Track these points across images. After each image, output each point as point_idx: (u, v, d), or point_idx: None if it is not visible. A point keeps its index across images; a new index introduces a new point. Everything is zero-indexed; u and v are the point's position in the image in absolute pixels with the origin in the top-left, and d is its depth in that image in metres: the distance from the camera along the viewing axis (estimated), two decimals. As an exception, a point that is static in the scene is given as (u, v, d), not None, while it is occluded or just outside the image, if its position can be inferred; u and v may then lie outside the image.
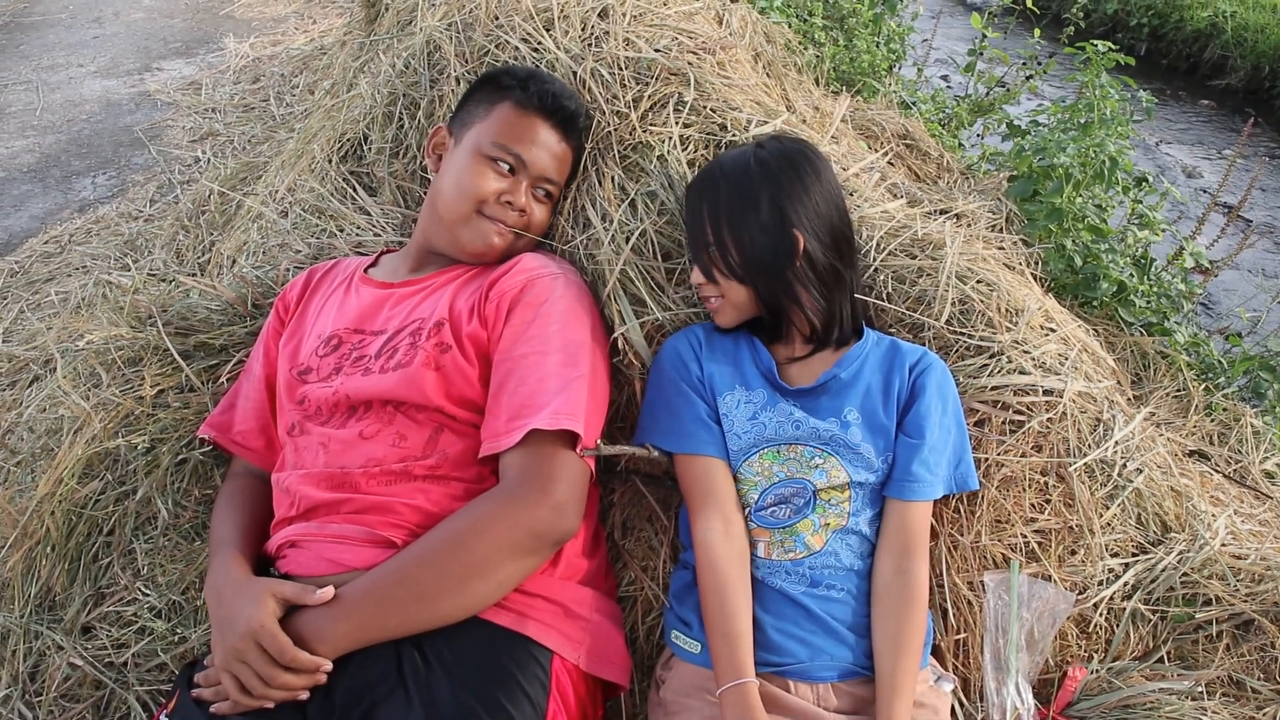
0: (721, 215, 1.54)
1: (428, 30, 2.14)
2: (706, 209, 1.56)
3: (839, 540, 1.49)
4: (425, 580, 1.34)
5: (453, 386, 1.51)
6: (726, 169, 1.57)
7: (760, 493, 1.51)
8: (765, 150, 1.58)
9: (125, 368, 1.84)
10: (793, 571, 1.48)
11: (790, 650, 1.43)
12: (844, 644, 1.44)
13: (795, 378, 1.58)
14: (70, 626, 1.73)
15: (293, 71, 4.93)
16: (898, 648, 1.41)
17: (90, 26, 6.10)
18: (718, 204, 1.55)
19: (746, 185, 1.54)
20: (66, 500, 1.75)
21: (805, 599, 1.46)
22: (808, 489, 1.50)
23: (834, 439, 1.51)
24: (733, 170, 1.56)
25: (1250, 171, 4.64)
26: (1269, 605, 1.68)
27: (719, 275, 1.55)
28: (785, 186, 1.53)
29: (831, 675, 1.43)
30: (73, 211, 3.79)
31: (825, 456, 1.50)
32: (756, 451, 1.52)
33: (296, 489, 1.51)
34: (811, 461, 1.50)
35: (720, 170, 1.58)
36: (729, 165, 1.58)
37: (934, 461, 1.51)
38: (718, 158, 1.63)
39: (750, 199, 1.53)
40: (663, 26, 2.00)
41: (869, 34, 4.01)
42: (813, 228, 1.52)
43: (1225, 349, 2.70)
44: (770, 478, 1.51)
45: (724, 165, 1.58)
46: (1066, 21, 4.09)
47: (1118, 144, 2.47)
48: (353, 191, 2.12)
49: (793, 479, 1.50)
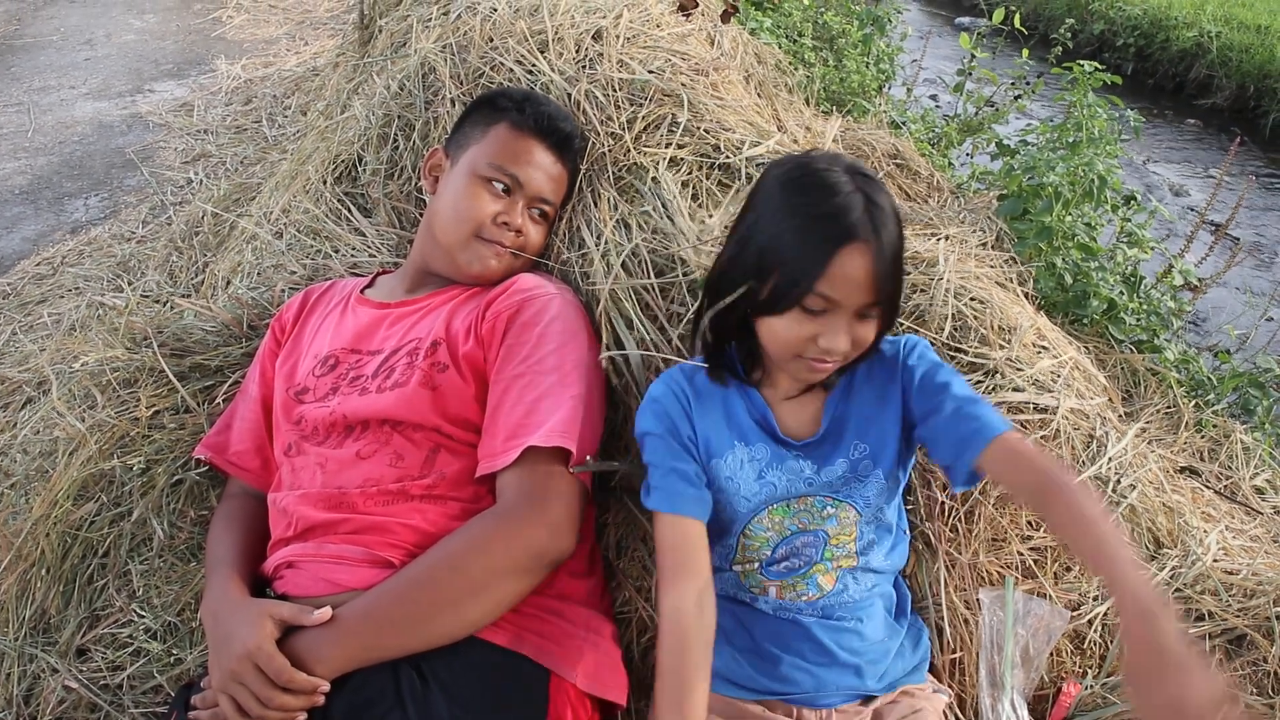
0: (890, 267, 1.28)
1: (422, 52, 2.16)
2: (874, 263, 1.25)
3: (849, 577, 1.46)
4: (423, 601, 1.34)
5: (449, 406, 1.52)
6: (884, 207, 1.27)
7: (772, 548, 1.45)
8: (865, 176, 1.30)
9: (120, 389, 1.84)
10: (805, 609, 1.45)
11: (798, 681, 1.42)
12: (851, 672, 1.44)
13: (795, 426, 1.44)
14: (65, 649, 1.72)
15: (285, 93, 4.94)
16: (1082, 522, 1.17)
17: (82, 48, 6.11)
18: (884, 255, 1.26)
19: (899, 229, 1.30)
20: (61, 522, 1.74)
21: (817, 629, 1.43)
22: (821, 538, 1.44)
23: (846, 483, 1.43)
24: (882, 209, 1.26)
25: (1236, 190, 4.68)
26: (1261, 620, 1.68)
27: (866, 334, 1.32)
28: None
29: (837, 701, 1.43)
30: (65, 233, 3.79)
31: (838, 504, 1.44)
32: (766, 509, 1.44)
33: (294, 509, 1.51)
34: (823, 511, 1.44)
35: (873, 212, 1.25)
36: (881, 200, 1.27)
37: (979, 404, 1.35)
38: (812, 193, 1.27)
39: (901, 243, 1.31)
40: (656, 48, 2.02)
41: (858, 54, 4.04)
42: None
43: (1215, 366, 2.72)
44: (781, 532, 1.44)
45: (877, 201, 1.26)
46: (1054, 42, 4.13)
47: (1106, 163, 2.49)
48: (348, 213, 2.13)
49: (805, 530, 1.44)
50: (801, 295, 1.26)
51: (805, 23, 4.01)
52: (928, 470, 1.62)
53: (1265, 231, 4.83)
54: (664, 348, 1.66)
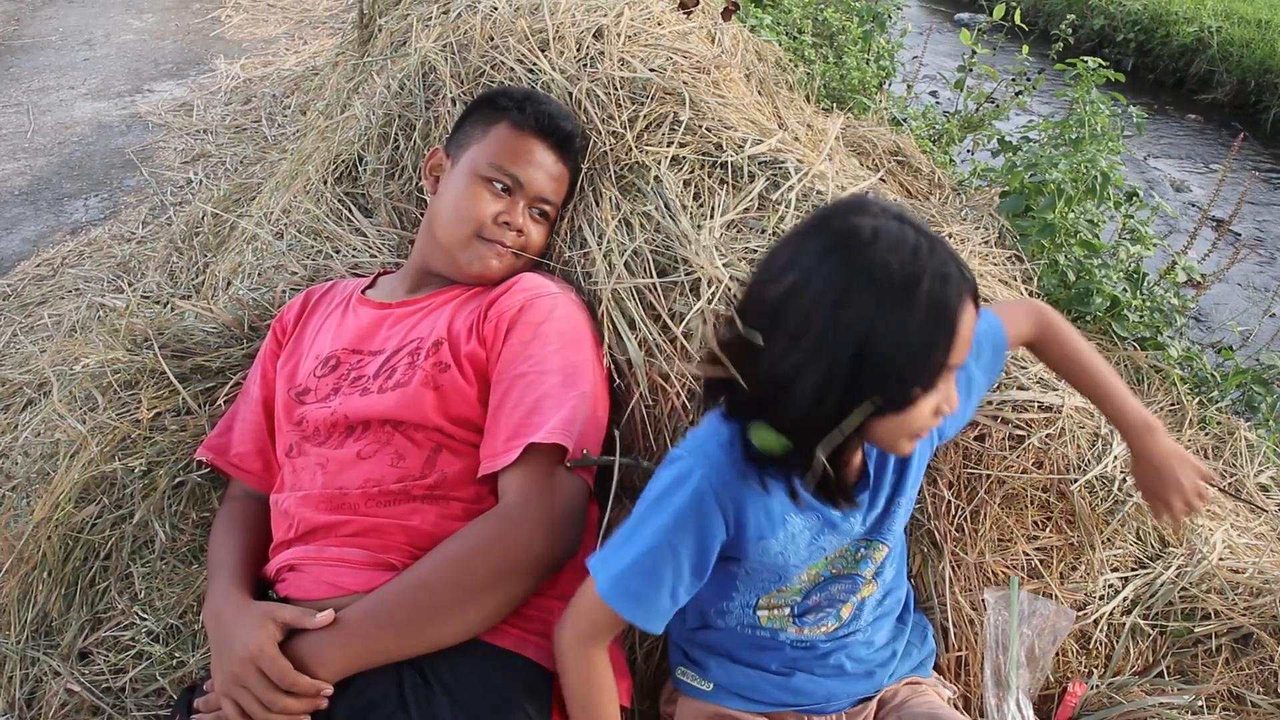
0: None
1: (422, 51, 2.15)
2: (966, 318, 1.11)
3: (867, 603, 1.43)
4: (425, 603, 1.33)
5: (451, 406, 1.51)
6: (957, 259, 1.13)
7: (805, 594, 1.37)
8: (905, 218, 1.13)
9: (121, 391, 1.83)
10: (822, 639, 1.42)
11: (810, 693, 1.41)
12: (861, 679, 1.43)
13: (843, 480, 1.27)
14: (67, 652, 1.71)
15: (284, 92, 4.93)
16: (1082, 368, 1.49)
17: (81, 49, 6.10)
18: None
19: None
20: (63, 525, 1.74)
21: (827, 645, 1.41)
22: (856, 582, 1.38)
23: (879, 522, 1.35)
24: (944, 241, 1.12)
25: (1238, 186, 4.68)
26: (1267, 619, 1.68)
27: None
28: None
29: (844, 706, 1.43)
30: (65, 234, 3.78)
31: (870, 544, 1.37)
32: (808, 567, 1.36)
33: (295, 511, 1.50)
34: (857, 554, 1.37)
35: (951, 253, 1.10)
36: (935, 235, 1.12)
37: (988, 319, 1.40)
38: (908, 257, 1.07)
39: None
40: (657, 46, 2.01)
41: (859, 51, 4.03)
42: None
43: (1218, 363, 2.71)
44: (815, 579, 1.36)
45: (940, 240, 1.12)
46: (1055, 38, 4.13)
47: (1109, 159, 2.48)
48: (348, 213, 2.13)
49: (840, 576, 1.37)
50: (935, 379, 1.10)
51: (805, 19, 4.01)
52: (933, 468, 1.61)
53: (1268, 227, 4.82)
54: (667, 348, 1.65)
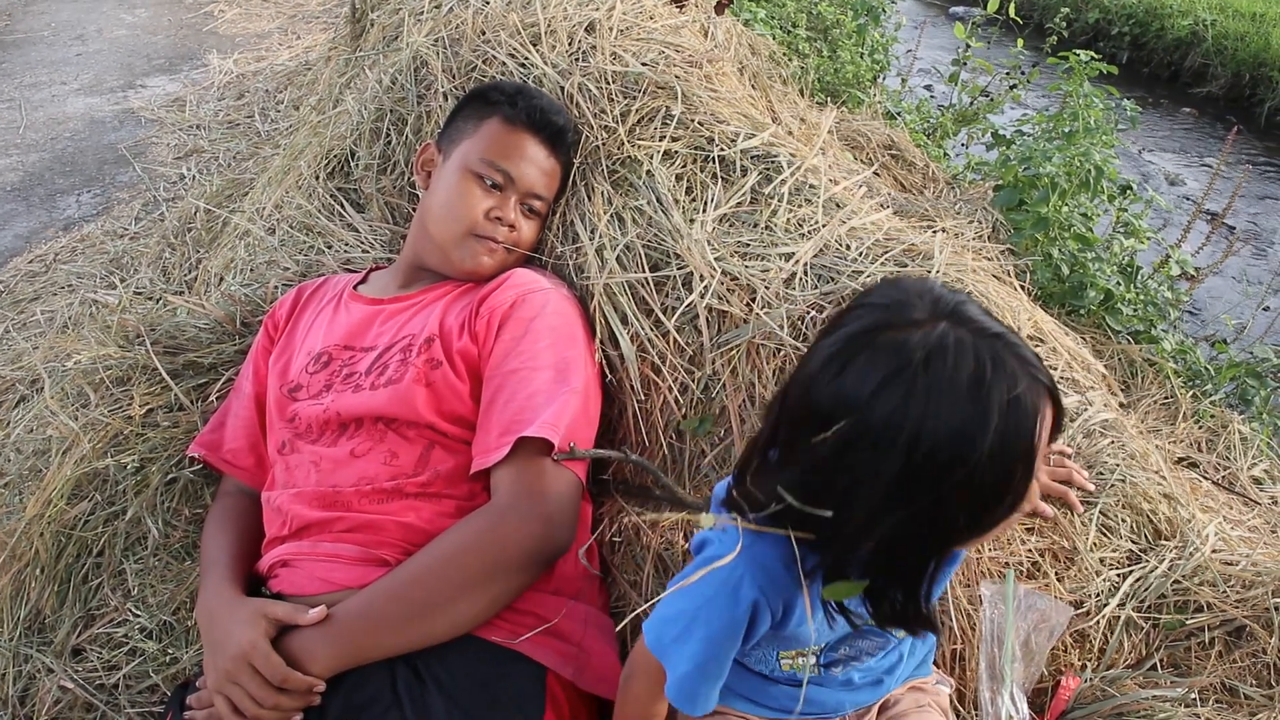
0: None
1: (414, 46, 2.14)
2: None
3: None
4: (418, 599, 1.33)
5: (444, 403, 1.51)
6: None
7: (831, 648, 1.30)
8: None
9: (113, 387, 1.82)
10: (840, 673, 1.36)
11: (822, 703, 1.39)
12: (865, 690, 1.41)
13: None
14: (60, 649, 1.71)
15: (277, 87, 4.92)
16: None
17: (73, 44, 6.08)
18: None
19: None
20: (55, 521, 1.73)
21: (841, 672, 1.37)
22: (889, 638, 1.32)
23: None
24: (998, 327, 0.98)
25: (1232, 179, 4.68)
26: (1259, 611, 1.68)
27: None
28: None
29: (846, 712, 1.42)
30: (57, 230, 3.77)
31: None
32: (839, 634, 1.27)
33: (288, 508, 1.50)
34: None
35: (1014, 346, 0.97)
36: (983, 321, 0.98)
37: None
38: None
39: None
40: (649, 40, 2.01)
41: (853, 45, 4.03)
42: None
43: (1212, 356, 2.71)
44: (843, 634, 1.28)
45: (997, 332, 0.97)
46: (1049, 31, 4.12)
47: (1103, 153, 2.48)
48: (340, 208, 2.12)
49: (871, 630, 1.26)
50: (1019, 503, 0.99)
51: (799, 13, 4.00)
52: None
53: (1262, 220, 4.82)
54: (659, 342, 1.65)
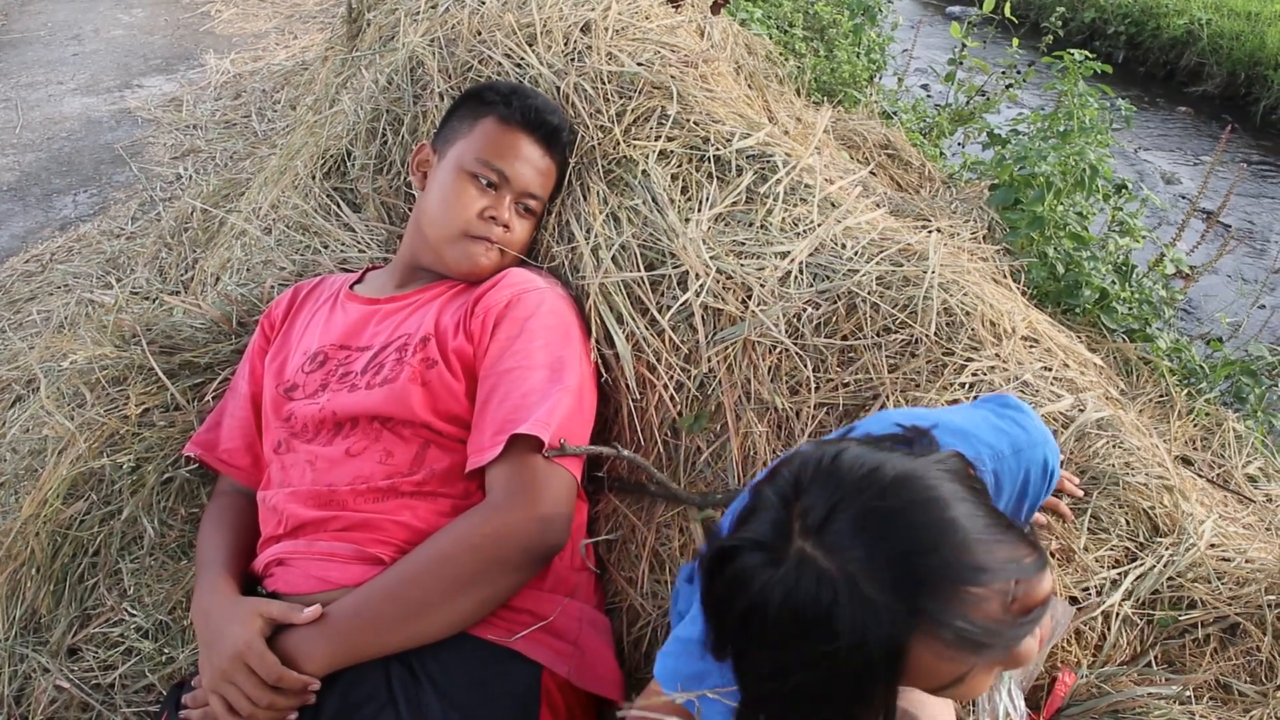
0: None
1: (410, 46, 2.14)
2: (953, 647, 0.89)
3: None
4: (413, 597, 1.33)
5: (439, 402, 1.51)
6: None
7: None
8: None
9: (110, 387, 1.82)
10: None
11: None
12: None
13: None
14: (56, 648, 1.71)
15: (274, 87, 4.92)
16: None
17: (69, 44, 6.07)
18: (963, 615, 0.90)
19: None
20: (51, 521, 1.73)
21: None
22: None
23: None
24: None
25: (1228, 178, 4.69)
26: (1253, 609, 1.68)
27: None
28: None
29: None
30: (54, 230, 3.76)
31: None
32: None
33: (284, 507, 1.51)
34: None
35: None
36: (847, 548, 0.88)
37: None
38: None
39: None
40: (645, 40, 2.01)
41: (849, 44, 4.03)
42: None
43: (1207, 354, 2.72)
44: None
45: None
46: (1045, 30, 4.12)
47: (1098, 152, 2.48)
48: (337, 208, 2.12)
49: None
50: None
51: (796, 13, 4.00)
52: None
53: (1257, 219, 4.83)
54: (654, 341, 1.65)
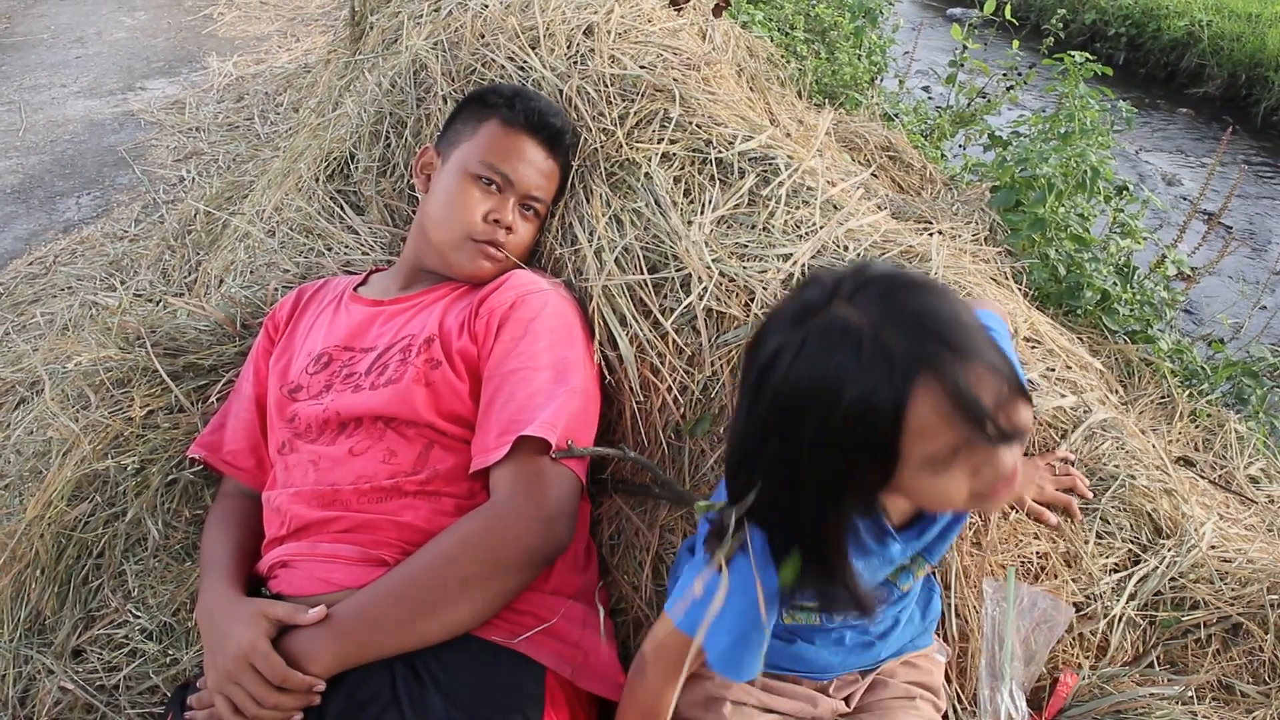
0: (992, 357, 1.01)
1: (413, 49, 2.15)
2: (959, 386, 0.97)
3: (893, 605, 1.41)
4: (417, 598, 1.34)
5: (443, 402, 1.51)
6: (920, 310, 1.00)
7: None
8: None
9: (114, 389, 1.83)
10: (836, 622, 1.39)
11: (806, 659, 1.40)
12: (856, 652, 1.43)
13: (899, 514, 1.27)
14: (60, 650, 1.71)
15: (277, 90, 4.93)
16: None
17: (72, 46, 6.08)
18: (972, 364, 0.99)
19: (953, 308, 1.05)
20: (55, 523, 1.74)
21: (839, 625, 1.40)
22: (893, 591, 1.36)
23: (929, 546, 1.32)
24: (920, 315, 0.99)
25: (1229, 179, 4.69)
26: (1255, 609, 1.69)
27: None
28: None
29: (836, 674, 1.43)
30: (57, 232, 3.77)
31: (918, 563, 1.34)
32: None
33: (287, 508, 1.51)
34: (899, 575, 1.35)
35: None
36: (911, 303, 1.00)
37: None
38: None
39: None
40: (647, 43, 2.02)
41: (850, 47, 4.04)
42: None
43: (1208, 355, 2.72)
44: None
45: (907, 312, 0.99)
46: (1046, 32, 4.13)
47: (1099, 154, 2.49)
48: (340, 210, 2.13)
49: (878, 585, 1.33)
50: (890, 479, 1.02)
51: (797, 15, 4.01)
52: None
53: (1258, 220, 4.83)
54: (658, 344, 1.66)
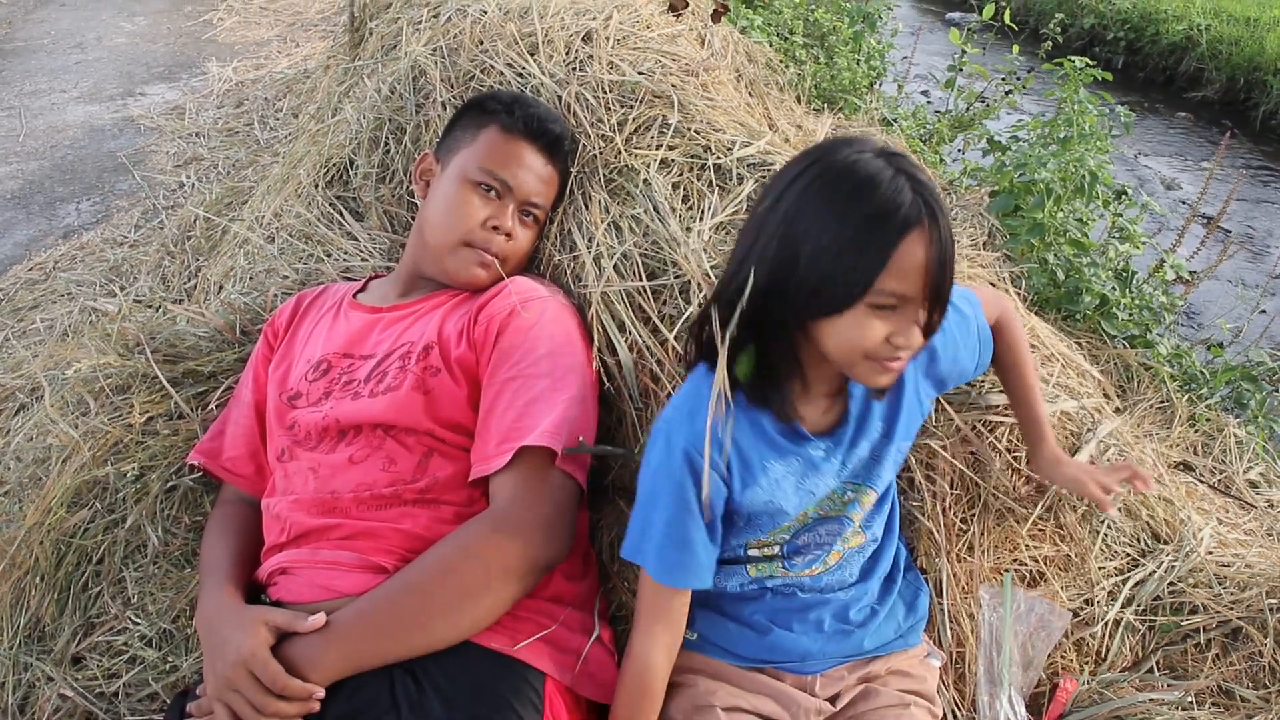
0: (950, 248, 1.20)
1: (413, 55, 2.15)
2: (936, 248, 1.17)
3: (854, 554, 1.47)
4: (416, 605, 1.34)
5: (442, 410, 1.52)
6: (930, 185, 1.19)
7: (793, 535, 1.41)
8: (898, 155, 1.21)
9: (113, 395, 1.83)
10: (807, 584, 1.45)
11: (787, 650, 1.42)
12: (840, 638, 1.44)
13: (818, 420, 1.37)
14: (60, 657, 1.71)
15: (276, 95, 4.93)
16: (1025, 393, 1.59)
17: (72, 52, 6.09)
18: (943, 237, 1.18)
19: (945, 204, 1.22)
20: (55, 529, 1.74)
21: (808, 597, 1.44)
22: (844, 523, 1.42)
23: (866, 467, 1.40)
24: (929, 188, 1.19)
25: (1228, 183, 4.69)
26: (1254, 613, 1.69)
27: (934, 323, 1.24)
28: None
29: (820, 668, 1.44)
30: (57, 238, 3.77)
31: (858, 488, 1.41)
32: (799, 511, 1.39)
33: (287, 515, 1.51)
34: (844, 497, 1.41)
35: (923, 193, 1.17)
36: (924, 179, 1.19)
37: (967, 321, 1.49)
38: (856, 190, 1.17)
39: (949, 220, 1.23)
40: (646, 49, 2.02)
41: (849, 51, 4.04)
42: None
43: (1207, 360, 2.72)
44: (804, 520, 1.40)
45: (922, 180, 1.18)
46: (1044, 37, 4.13)
47: (1097, 159, 2.49)
48: (339, 216, 2.13)
49: (828, 517, 1.41)
50: (863, 292, 1.16)
51: (796, 20, 4.01)
52: (931, 466, 1.62)
53: (1257, 224, 4.84)
54: (657, 350, 1.66)
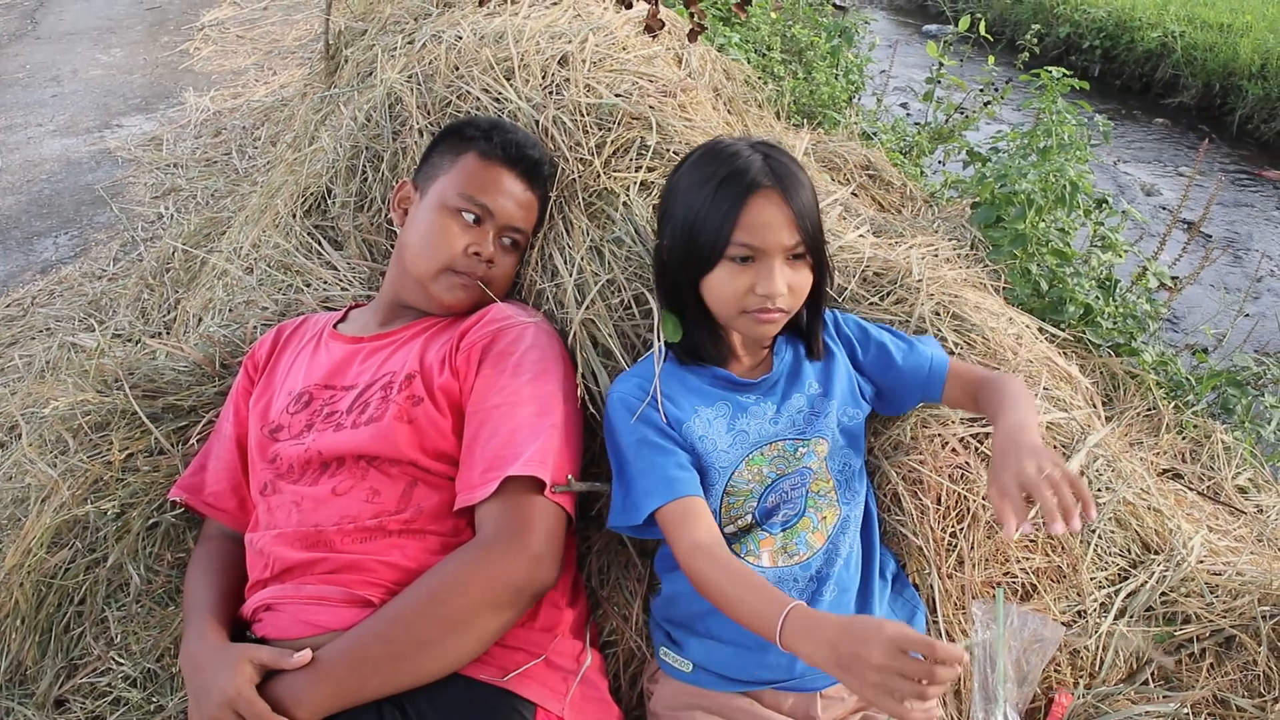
0: (803, 208, 1.43)
1: (388, 82, 2.14)
2: (783, 206, 1.42)
3: (839, 534, 1.49)
4: (404, 639, 1.32)
5: (426, 439, 1.50)
6: (783, 160, 1.46)
7: (759, 498, 1.48)
8: (765, 143, 1.50)
9: (93, 433, 1.81)
10: (800, 577, 1.46)
11: (782, 665, 1.41)
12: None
13: (748, 372, 1.57)
14: (43, 700, 1.69)
15: (254, 124, 4.91)
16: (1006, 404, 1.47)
17: (48, 85, 6.06)
18: (794, 197, 1.43)
19: (805, 177, 1.49)
20: (35, 571, 1.71)
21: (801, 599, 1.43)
22: (804, 475, 1.49)
23: (809, 420, 1.52)
24: (780, 161, 1.46)
25: (1207, 188, 4.72)
26: (1247, 620, 1.68)
27: (801, 280, 1.47)
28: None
29: (820, 685, 1.42)
30: (35, 273, 3.74)
31: (807, 442, 1.51)
32: (744, 460, 1.48)
33: (270, 550, 1.49)
34: (796, 453, 1.50)
35: (773, 164, 1.44)
36: (780, 156, 1.47)
37: (920, 344, 1.61)
38: (716, 161, 1.46)
39: (812, 190, 1.49)
40: (623, 71, 2.02)
41: (827, 66, 4.06)
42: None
43: (1193, 366, 2.73)
44: (763, 480, 1.48)
45: (775, 156, 1.46)
46: (1021, 47, 4.16)
47: (1077, 168, 2.50)
48: (318, 246, 2.11)
49: (786, 474, 1.49)
50: (724, 245, 1.41)
51: (773, 36, 4.03)
52: (916, 482, 1.61)
53: (1237, 228, 4.87)
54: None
